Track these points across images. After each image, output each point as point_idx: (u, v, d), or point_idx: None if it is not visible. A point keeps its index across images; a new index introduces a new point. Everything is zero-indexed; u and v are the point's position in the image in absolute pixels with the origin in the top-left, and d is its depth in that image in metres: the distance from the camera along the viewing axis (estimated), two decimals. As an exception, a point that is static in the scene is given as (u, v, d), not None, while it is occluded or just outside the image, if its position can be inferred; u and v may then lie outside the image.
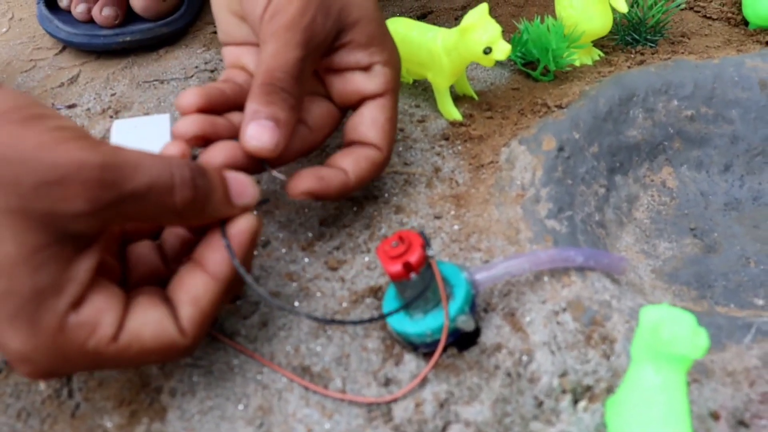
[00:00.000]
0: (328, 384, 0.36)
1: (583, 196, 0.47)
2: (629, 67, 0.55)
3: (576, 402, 0.35)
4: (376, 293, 0.41)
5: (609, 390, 0.35)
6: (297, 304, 0.40)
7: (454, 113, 0.52)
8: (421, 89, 0.56)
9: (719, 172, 0.53)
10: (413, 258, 0.34)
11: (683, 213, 0.51)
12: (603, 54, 0.58)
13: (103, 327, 0.30)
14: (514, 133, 0.50)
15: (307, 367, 0.37)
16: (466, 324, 0.36)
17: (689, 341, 0.28)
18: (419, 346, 0.37)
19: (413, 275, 0.35)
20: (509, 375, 0.36)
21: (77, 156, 0.28)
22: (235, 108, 0.41)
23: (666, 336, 0.29)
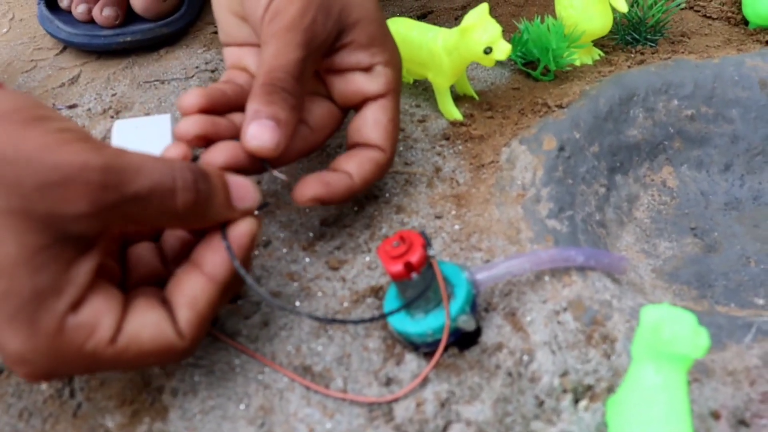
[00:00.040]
0: (329, 384, 0.36)
1: (584, 195, 0.47)
2: (629, 67, 0.55)
3: (577, 401, 0.35)
4: (377, 293, 0.41)
5: (610, 389, 0.35)
6: (298, 303, 0.41)
7: (454, 113, 0.52)
8: (422, 89, 0.56)
9: (719, 171, 0.53)
10: (414, 258, 0.34)
11: (683, 212, 0.51)
12: (603, 54, 0.58)
13: (102, 329, 0.30)
14: (514, 133, 0.50)
15: (309, 367, 0.37)
16: (467, 324, 0.36)
17: (690, 341, 0.28)
18: (420, 345, 0.37)
19: (414, 275, 0.35)
20: (510, 374, 0.36)
21: (79, 158, 0.28)
22: (237, 109, 0.41)
23: (667, 335, 0.29)
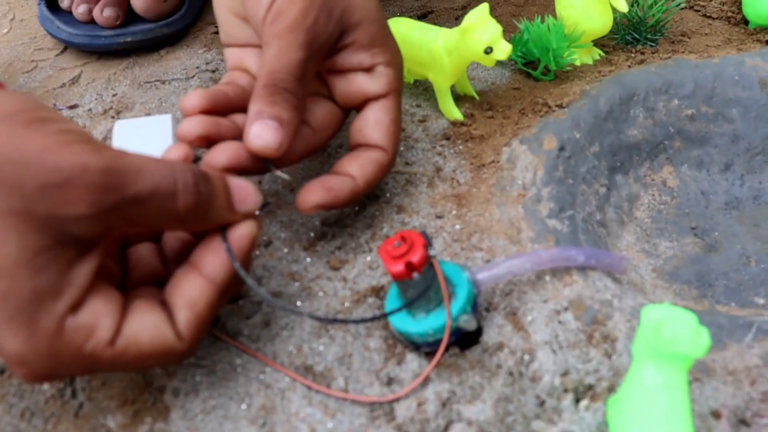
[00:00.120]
0: (330, 383, 0.37)
1: (584, 195, 0.47)
2: (630, 67, 0.55)
3: (578, 401, 0.35)
4: (378, 293, 0.41)
5: (611, 389, 0.35)
6: (299, 303, 0.41)
7: (455, 113, 0.52)
8: (422, 89, 0.56)
9: (720, 171, 0.53)
10: (415, 258, 0.34)
11: (684, 212, 0.51)
12: (603, 53, 0.58)
13: (101, 331, 0.30)
14: (515, 133, 0.50)
15: (310, 367, 0.37)
16: (468, 323, 0.36)
17: (690, 340, 0.28)
18: (421, 345, 0.37)
19: (415, 275, 0.35)
20: (511, 374, 0.36)
21: (81, 159, 0.28)
22: (238, 110, 0.41)
23: (667, 335, 0.29)
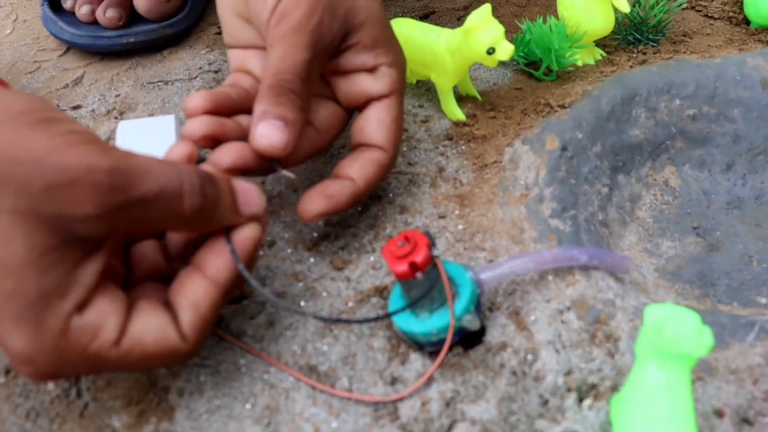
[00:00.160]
0: (334, 383, 0.37)
1: (587, 195, 0.48)
2: (631, 67, 0.55)
3: (581, 400, 0.35)
4: (381, 293, 0.41)
5: (614, 388, 0.35)
6: (303, 303, 0.41)
7: (457, 113, 0.52)
8: (425, 89, 0.56)
9: (721, 171, 0.53)
10: (419, 258, 0.34)
11: (686, 212, 0.51)
12: (605, 54, 0.59)
13: (106, 331, 0.30)
14: (517, 133, 0.50)
15: (314, 367, 0.37)
16: (471, 323, 0.36)
17: (693, 339, 0.29)
18: (425, 345, 0.37)
19: (419, 275, 0.35)
20: (514, 373, 0.36)
21: (87, 160, 0.28)
22: (241, 112, 0.41)
23: (670, 334, 0.29)
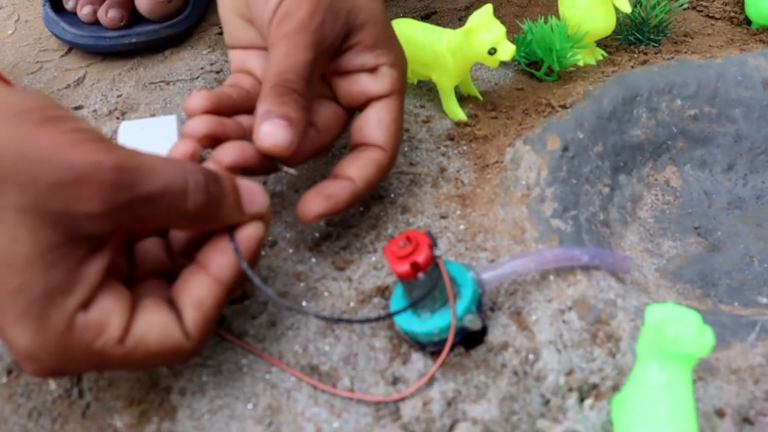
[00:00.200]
0: (336, 383, 0.37)
1: (588, 195, 0.48)
2: (632, 67, 0.55)
3: (582, 400, 0.35)
4: (383, 293, 0.41)
5: (615, 388, 0.35)
6: (305, 303, 0.41)
7: (458, 113, 0.52)
8: (426, 90, 0.56)
9: (723, 171, 0.53)
10: (421, 258, 0.35)
11: (687, 212, 0.51)
12: (606, 54, 0.59)
13: (111, 329, 0.30)
14: (518, 133, 0.50)
15: (316, 367, 0.38)
16: (473, 323, 0.36)
17: (694, 339, 0.29)
18: (426, 345, 0.37)
19: (421, 275, 0.35)
20: (516, 373, 0.36)
21: (93, 157, 0.28)
22: (242, 112, 0.41)
23: (671, 334, 0.29)
